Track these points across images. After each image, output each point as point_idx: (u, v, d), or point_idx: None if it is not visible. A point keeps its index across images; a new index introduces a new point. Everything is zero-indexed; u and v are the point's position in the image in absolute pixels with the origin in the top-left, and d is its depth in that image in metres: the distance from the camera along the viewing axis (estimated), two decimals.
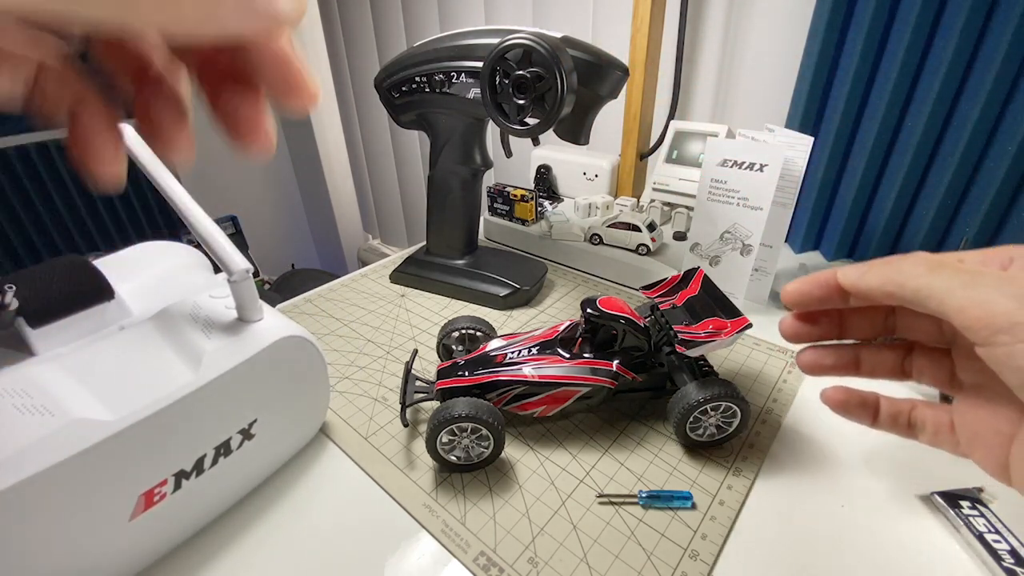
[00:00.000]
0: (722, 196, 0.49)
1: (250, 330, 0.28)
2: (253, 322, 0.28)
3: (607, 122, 0.64)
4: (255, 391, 0.28)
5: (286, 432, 0.33)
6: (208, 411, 0.26)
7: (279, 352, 0.28)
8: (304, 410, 0.33)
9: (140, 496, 0.24)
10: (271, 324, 0.29)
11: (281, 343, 0.28)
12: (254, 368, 0.27)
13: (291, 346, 0.29)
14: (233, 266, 0.26)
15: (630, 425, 0.37)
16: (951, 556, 0.28)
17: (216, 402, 0.26)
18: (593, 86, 0.43)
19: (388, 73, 0.50)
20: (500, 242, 0.68)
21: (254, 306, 0.28)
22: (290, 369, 0.30)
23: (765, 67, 0.69)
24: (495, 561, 0.28)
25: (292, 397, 0.32)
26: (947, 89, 0.50)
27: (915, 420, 0.26)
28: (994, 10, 0.46)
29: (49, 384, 0.23)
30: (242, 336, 0.27)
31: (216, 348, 0.26)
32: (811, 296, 0.25)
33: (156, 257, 0.35)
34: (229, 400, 0.27)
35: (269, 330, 0.28)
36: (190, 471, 0.26)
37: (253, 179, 1.78)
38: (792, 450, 0.35)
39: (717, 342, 0.32)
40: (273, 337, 0.28)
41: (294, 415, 0.33)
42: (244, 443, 0.29)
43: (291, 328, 0.29)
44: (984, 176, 0.51)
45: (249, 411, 0.28)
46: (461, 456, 0.32)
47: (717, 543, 0.29)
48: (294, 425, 0.33)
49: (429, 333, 0.48)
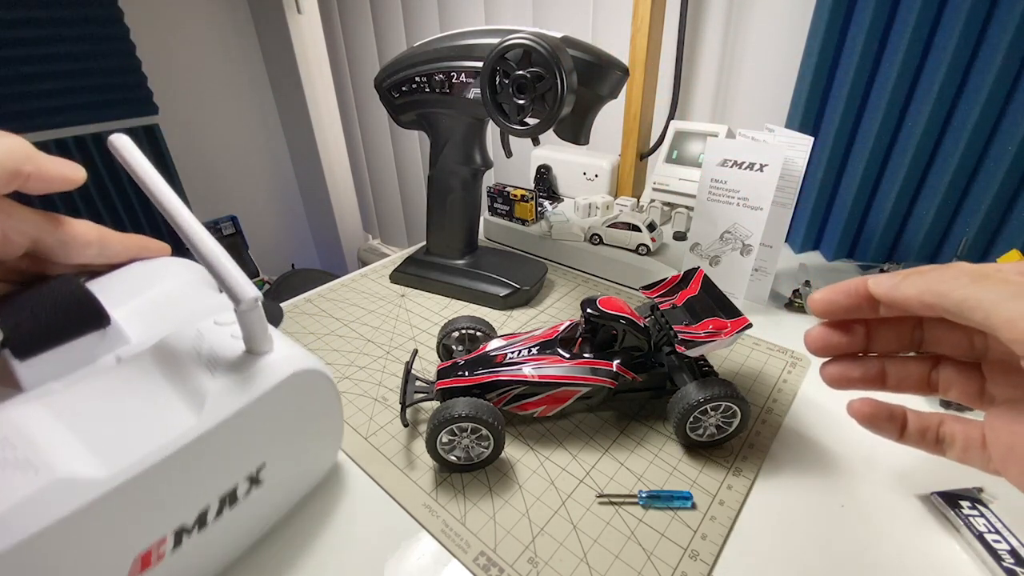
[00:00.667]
0: (722, 196, 0.49)
1: (259, 364, 0.25)
2: (262, 354, 0.25)
3: (607, 122, 0.64)
4: (264, 432, 0.25)
5: (297, 473, 0.30)
6: (213, 458, 0.23)
7: (291, 388, 0.26)
8: (317, 447, 0.31)
9: (136, 558, 0.21)
10: (282, 356, 0.26)
11: (293, 378, 0.25)
12: (263, 408, 0.24)
13: (304, 381, 0.26)
14: (241, 294, 0.23)
15: (630, 425, 0.37)
16: (951, 556, 0.28)
17: (222, 448, 0.23)
18: (593, 86, 0.43)
19: (388, 73, 0.50)
20: (500, 242, 0.68)
21: (263, 337, 0.25)
22: (302, 405, 0.27)
23: (765, 67, 0.69)
24: (495, 561, 0.28)
25: (304, 435, 0.29)
26: (947, 89, 0.50)
27: (944, 435, 0.25)
28: (994, 10, 0.46)
29: (35, 431, 0.20)
30: (250, 372, 0.24)
31: (221, 387, 0.23)
32: (839, 305, 0.25)
33: (156, 275, 0.31)
34: (236, 445, 0.24)
35: (280, 364, 0.25)
36: (192, 526, 0.23)
37: (253, 179, 1.78)
38: (792, 450, 0.35)
39: (717, 342, 0.32)
40: (284, 372, 0.25)
41: (306, 454, 0.30)
42: (252, 490, 0.26)
43: (304, 360, 0.26)
44: (984, 176, 0.51)
45: (257, 455, 0.26)
46: (461, 456, 0.32)
47: (717, 543, 0.29)
48: (306, 464, 0.30)
49: (429, 333, 0.48)
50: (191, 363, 0.24)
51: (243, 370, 0.24)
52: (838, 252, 0.62)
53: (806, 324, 0.49)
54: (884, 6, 0.51)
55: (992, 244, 0.53)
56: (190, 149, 1.56)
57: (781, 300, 0.53)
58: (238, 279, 0.23)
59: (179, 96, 1.50)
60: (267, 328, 0.25)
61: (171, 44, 1.46)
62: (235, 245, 1.55)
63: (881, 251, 0.60)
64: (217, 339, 0.25)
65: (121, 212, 1.44)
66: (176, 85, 1.49)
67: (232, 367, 0.24)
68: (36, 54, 1.21)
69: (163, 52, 1.44)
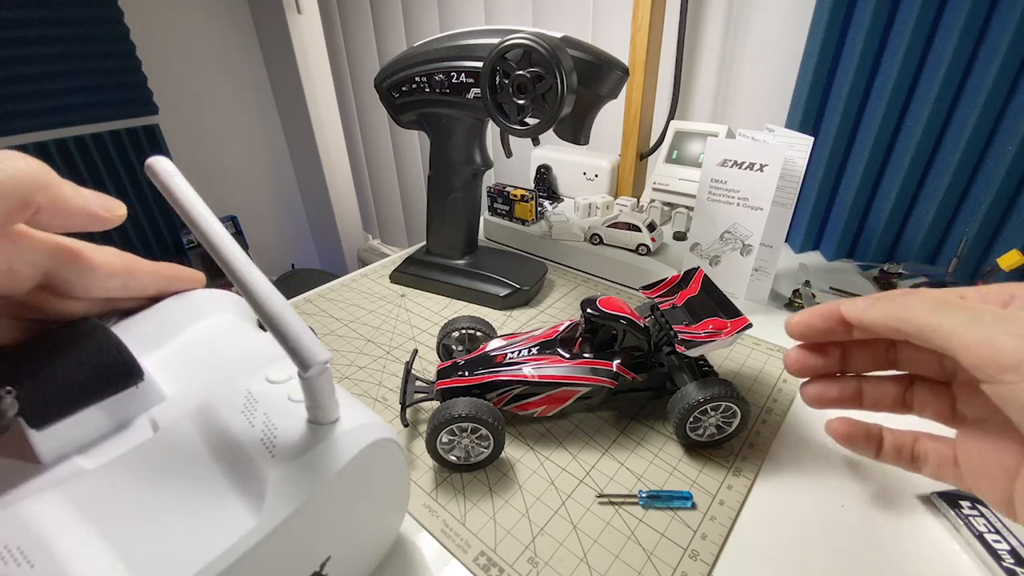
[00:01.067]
0: (722, 196, 0.49)
1: (326, 439, 0.20)
2: (328, 424, 0.21)
3: (607, 122, 0.64)
4: (332, 521, 0.21)
5: (362, 558, 0.26)
6: (275, 562, 0.19)
7: (362, 464, 0.21)
8: (383, 524, 0.26)
9: None
10: (353, 425, 0.21)
11: (366, 453, 0.21)
12: (334, 492, 0.20)
13: (376, 453, 0.22)
14: (310, 359, 0.18)
15: (630, 425, 0.37)
16: (951, 556, 0.28)
17: (285, 547, 0.19)
18: (593, 86, 0.43)
19: (388, 73, 0.50)
20: (500, 242, 0.68)
21: (332, 403, 0.21)
22: (373, 480, 0.23)
23: (765, 67, 0.69)
24: (495, 561, 0.28)
25: (372, 514, 0.24)
26: (947, 89, 0.50)
27: (918, 453, 0.26)
28: (994, 10, 0.46)
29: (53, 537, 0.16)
30: (316, 450, 0.20)
31: (284, 473, 0.19)
32: (815, 328, 0.26)
33: (190, 312, 0.26)
34: (300, 541, 0.20)
35: (351, 436, 0.21)
36: None
37: (253, 179, 1.79)
38: (792, 450, 0.35)
39: (717, 342, 0.32)
40: (356, 447, 0.21)
41: (372, 534, 0.26)
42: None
43: (375, 429, 0.22)
44: (984, 176, 0.51)
45: (324, 547, 0.21)
46: (461, 456, 0.32)
47: (717, 543, 0.29)
48: (371, 546, 0.26)
49: (429, 333, 0.48)
50: (243, 437, 0.20)
51: (309, 448, 0.20)
52: (838, 252, 0.63)
53: None
54: (884, 6, 0.51)
55: (992, 244, 0.53)
56: (190, 149, 1.56)
57: (781, 300, 0.53)
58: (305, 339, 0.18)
59: (179, 96, 1.50)
60: (335, 391, 0.21)
61: (171, 44, 1.46)
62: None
63: (881, 251, 0.60)
64: (273, 404, 0.21)
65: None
66: (176, 85, 1.49)
67: (295, 445, 0.20)
68: (36, 54, 1.21)
69: (163, 52, 1.44)
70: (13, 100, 1.21)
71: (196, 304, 0.26)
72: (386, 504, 0.25)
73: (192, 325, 0.26)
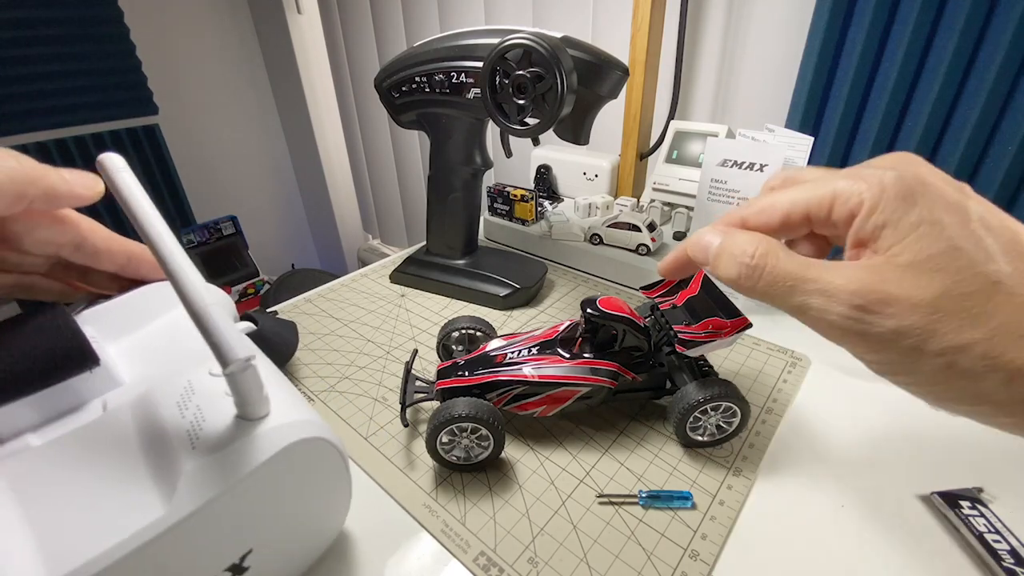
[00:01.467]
0: (722, 196, 0.49)
1: (251, 435, 0.20)
2: (256, 420, 0.21)
3: (607, 122, 0.64)
4: (251, 515, 0.21)
5: (291, 555, 0.26)
6: (183, 551, 0.19)
7: (287, 462, 0.21)
8: (317, 522, 0.26)
9: None
10: (280, 423, 0.21)
11: (289, 451, 0.21)
12: (251, 488, 0.20)
13: (303, 451, 0.22)
14: (228, 355, 0.18)
15: (630, 425, 0.37)
16: (951, 556, 0.28)
17: (195, 539, 0.19)
18: (593, 86, 0.43)
19: (388, 73, 0.50)
20: (500, 242, 0.68)
21: (257, 399, 0.21)
22: (301, 479, 0.23)
23: (765, 67, 0.69)
24: (495, 561, 0.28)
25: (301, 512, 0.24)
26: (947, 89, 0.50)
27: None
28: (994, 10, 0.46)
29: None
30: (238, 444, 0.20)
31: (198, 466, 0.19)
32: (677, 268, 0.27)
33: (164, 303, 0.27)
34: (214, 533, 0.20)
35: (275, 433, 0.21)
36: None
37: (253, 179, 1.79)
38: (792, 450, 0.35)
39: (717, 342, 0.32)
40: (278, 445, 0.21)
41: (304, 531, 0.26)
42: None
43: (306, 427, 0.22)
44: (984, 176, 0.51)
45: (242, 542, 0.21)
46: (461, 456, 0.32)
47: (717, 543, 0.29)
48: (303, 543, 0.26)
49: (429, 333, 0.48)
50: (171, 426, 0.20)
51: (229, 442, 0.20)
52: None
53: None
54: (884, 6, 0.51)
55: None
56: (190, 149, 1.56)
57: None
58: (226, 336, 0.18)
59: (179, 96, 1.50)
60: (262, 388, 0.21)
61: (171, 44, 1.46)
62: (235, 245, 1.55)
63: None
64: (207, 397, 0.22)
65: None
66: (176, 85, 1.49)
67: (217, 438, 0.20)
68: (36, 54, 1.21)
69: (163, 52, 1.44)
70: (13, 100, 1.21)
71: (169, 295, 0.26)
72: (320, 502, 0.25)
73: (163, 315, 0.27)
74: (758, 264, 0.21)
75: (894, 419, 0.37)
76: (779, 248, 0.21)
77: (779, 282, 0.20)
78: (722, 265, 0.22)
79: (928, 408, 0.39)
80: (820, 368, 0.43)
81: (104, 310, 0.26)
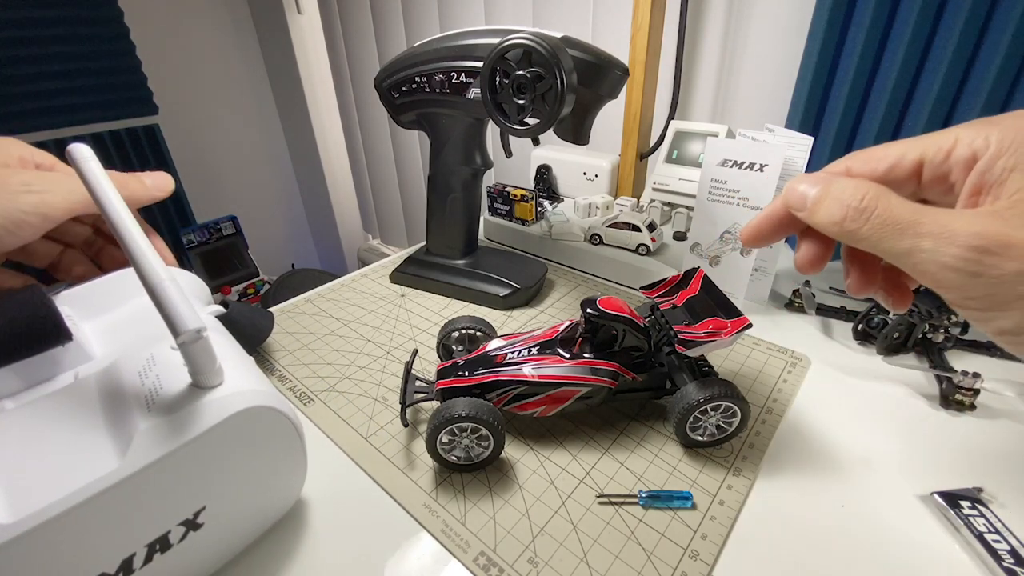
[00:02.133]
0: (722, 196, 0.49)
1: (202, 400, 0.22)
2: (209, 388, 0.23)
3: (607, 122, 0.64)
4: (203, 475, 0.23)
5: (247, 515, 0.27)
6: (137, 503, 0.21)
7: (236, 427, 0.23)
8: (271, 488, 0.28)
9: None
10: (231, 391, 0.23)
11: (239, 417, 0.23)
12: (201, 449, 0.22)
13: (253, 418, 0.24)
14: (180, 325, 0.20)
15: (630, 425, 0.37)
16: (951, 556, 0.28)
17: (148, 492, 0.21)
18: (593, 86, 0.43)
19: (388, 73, 0.50)
20: (500, 242, 0.68)
21: (210, 370, 0.23)
22: (252, 445, 0.25)
23: (765, 67, 0.69)
24: (495, 561, 0.28)
25: (255, 475, 0.26)
26: (947, 89, 0.50)
27: None
28: (994, 10, 0.46)
29: None
30: (190, 409, 0.22)
31: (153, 425, 0.21)
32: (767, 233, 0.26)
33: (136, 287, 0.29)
34: (166, 488, 0.22)
35: (226, 401, 0.23)
36: (114, 573, 0.21)
37: (253, 179, 1.78)
38: (792, 450, 0.35)
39: (717, 342, 0.32)
40: (228, 411, 0.23)
41: (258, 495, 0.27)
42: (188, 534, 0.24)
43: (255, 396, 0.24)
44: None
45: (195, 498, 0.23)
46: (461, 456, 0.32)
47: (717, 543, 0.29)
48: (258, 506, 0.28)
49: (429, 333, 0.48)
50: (131, 392, 0.23)
51: (182, 406, 0.22)
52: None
53: (806, 324, 0.49)
54: (884, 6, 0.51)
55: None
56: (190, 149, 1.56)
57: (781, 300, 0.53)
58: (178, 307, 0.20)
59: (179, 96, 1.50)
60: (215, 360, 0.23)
61: (171, 44, 1.46)
62: (235, 245, 1.55)
63: None
64: (165, 368, 0.24)
65: None
66: (176, 85, 1.49)
67: (170, 402, 0.22)
68: (36, 54, 1.21)
69: (163, 52, 1.44)
70: (13, 100, 1.21)
71: None
72: (273, 469, 0.27)
73: (135, 298, 0.29)
74: (868, 206, 0.20)
75: (894, 419, 0.37)
76: (890, 193, 0.21)
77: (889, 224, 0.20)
78: (823, 209, 0.22)
79: (928, 408, 0.39)
80: (820, 368, 0.43)
81: (80, 291, 0.29)
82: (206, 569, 0.27)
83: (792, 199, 0.23)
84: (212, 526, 0.25)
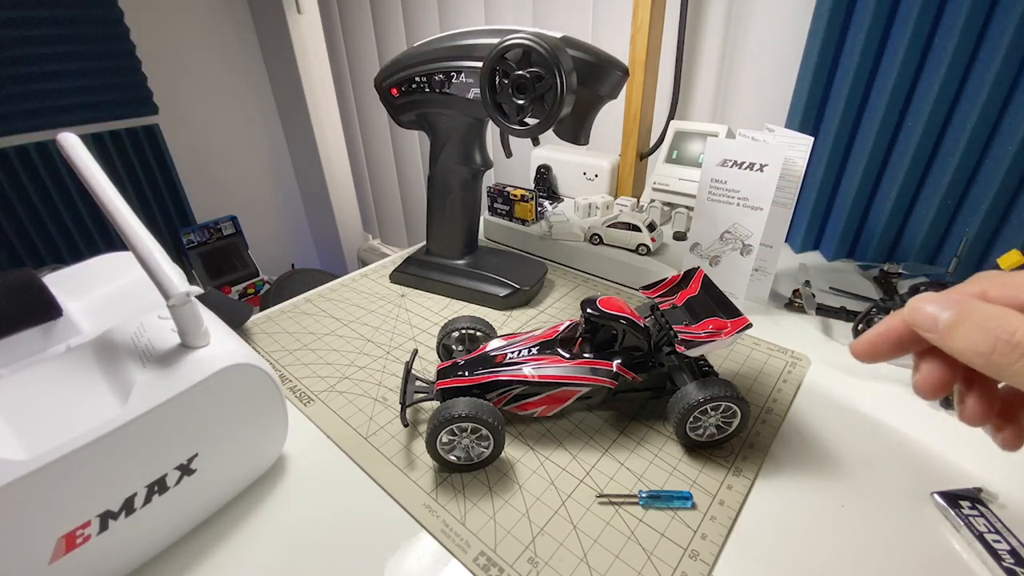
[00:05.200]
0: (722, 196, 0.49)
1: (191, 358, 0.26)
2: (197, 348, 0.26)
3: (607, 122, 0.64)
4: (194, 424, 0.26)
5: (235, 464, 0.30)
6: (137, 447, 0.24)
7: (223, 382, 0.26)
8: (257, 440, 0.31)
9: (60, 539, 0.22)
10: (217, 351, 0.26)
11: (225, 372, 0.26)
12: (192, 400, 0.25)
13: (237, 375, 0.27)
14: (170, 289, 0.23)
15: (630, 425, 0.37)
16: (951, 556, 0.28)
17: (146, 438, 0.24)
18: (593, 86, 0.43)
19: (388, 73, 0.50)
20: (500, 242, 0.68)
21: (197, 331, 0.26)
22: (237, 399, 0.28)
23: (765, 67, 0.69)
24: (495, 561, 0.28)
25: (241, 428, 0.29)
26: (947, 89, 0.50)
27: None
28: (994, 10, 0.46)
29: None
30: (180, 365, 0.25)
31: (149, 379, 0.24)
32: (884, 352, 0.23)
33: (121, 268, 0.33)
34: (162, 435, 0.25)
35: (213, 358, 0.26)
36: (118, 511, 0.24)
37: (253, 179, 1.78)
38: (792, 450, 0.35)
39: (717, 342, 0.32)
40: (215, 366, 0.26)
41: (245, 446, 0.30)
42: (183, 479, 0.26)
43: (239, 355, 0.27)
44: (984, 176, 0.51)
45: (188, 445, 0.26)
46: (461, 456, 0.32)
47: (717, 543, 0.29)
48: (245, 456, 0.31)
49: (429, 333, 0.48)
50: (126, 355, 0.25)
51: (174, 363, 0.25)
52: (838, 252, 0.62)
53: (806, 324, 0.49)
54: (884, 6, 0.51)
55: (992, 244, 0.53)
56: (190, 149, 1.56)
57: (781, 300, 0.53)
58: (168, 273, 0.24)
59: (179, 96, 1.50)
60: (202, 323, 0.26)
61: (171, 44, 1.46)
62: (235, 245, 1.55)
63: (881, 251, 0.60)
64: (156, 332, 0.27)
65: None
66: (176, 85, 1.49)
67: (163, 360, 0.25)
68: (36, 54, 1.21)
69: (163, 52, 1.43)
70: (13, 100, 1.21)
71: (126, 263, 0.33)
72: (257, 422, 0.30)
73: (120, 278, 0.32)
74: (1021, 341, 0.19)
75: (894, 419, 0.37)
76: None
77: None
78: (962, 335, 0.20)
79: (928, 408, 0.39)
80: (820, 368, 0.43)
81: (68, 273, 0.32)
82: (199, 515, 0.30)
83: (919, 319, 0.21)
84: (204, 472, 0.27)
